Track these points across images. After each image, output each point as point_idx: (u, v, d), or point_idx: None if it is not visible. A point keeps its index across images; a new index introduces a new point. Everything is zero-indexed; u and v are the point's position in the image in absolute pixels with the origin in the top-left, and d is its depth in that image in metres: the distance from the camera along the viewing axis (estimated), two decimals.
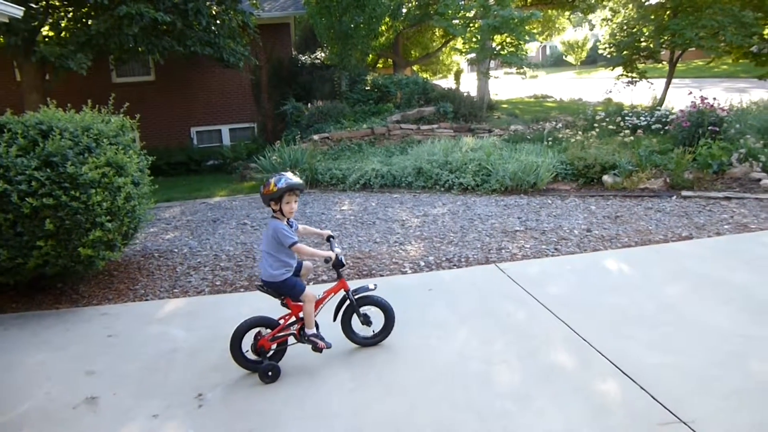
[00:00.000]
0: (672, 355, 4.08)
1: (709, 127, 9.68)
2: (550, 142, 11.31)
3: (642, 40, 16.31)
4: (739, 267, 5.64)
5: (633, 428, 3.34)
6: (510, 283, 5.59)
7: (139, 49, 11.83)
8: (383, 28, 18.76)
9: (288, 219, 4.11)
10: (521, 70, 15.88)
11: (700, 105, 10.05)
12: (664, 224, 7.19)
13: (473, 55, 16.15)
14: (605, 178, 9.15)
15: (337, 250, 4.15)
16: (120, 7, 10.64)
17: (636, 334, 4.42)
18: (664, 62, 17.34)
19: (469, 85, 22.77)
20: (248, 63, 13.91)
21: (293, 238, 3.97)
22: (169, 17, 11.18)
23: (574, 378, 3.89)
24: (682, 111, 10.53)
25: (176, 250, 7.40)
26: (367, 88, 15.12)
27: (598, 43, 19.50)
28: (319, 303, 4.23)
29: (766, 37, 14.99)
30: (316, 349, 4.14)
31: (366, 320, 4.35)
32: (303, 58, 17.20)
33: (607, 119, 12.31)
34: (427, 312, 5.06)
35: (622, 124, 12.01)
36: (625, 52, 16.59)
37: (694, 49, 15.46)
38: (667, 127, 11.32)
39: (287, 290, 4.10)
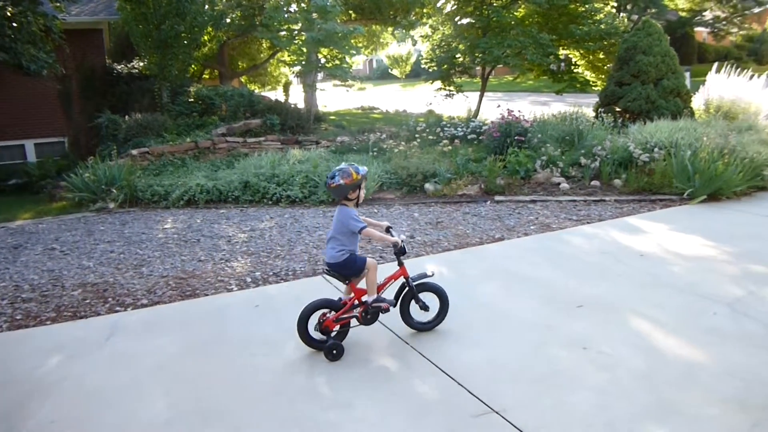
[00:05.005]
0: (486, 349, 4.37)
1: (516, 137, 10.55)
2: (375, 153, 11.64)
3: (458, 56, 17.44)
4: (543, 264, 6.19)
5: (450, 423, 3.50)
6: (337, 293, 5.62)
7: None
8: (206, 38, 18.13)
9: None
10: (347, 83, 16.21)
11: (508, 117, 10.93)
12: (480, 227, 7.70)
13: (299, 67, 16.19)
14: (427, 186, 9.60)
15: (401, 237, 4.42)
16: None
17: (454, 332, 4.67)
18: (478, 77, 18.69)
19: (298, 97, 22.78)
20: (54, 71, 12.65)
21: (363, 224, 4.26)
22: None
23: (396, 381, 4.00)
24: (493, 122, 11.38)
25: None
26: (190, 100, 14.48)
27: (420, 58, 20.49)
28: (380, 289, 4.50)
29: (561, 57, 16.76)
30: (382, 310, 4.41)
31: (424, 306, 4.56)
32: (119, 68, 16.09)
33: (428, 130, 12.92)
34: (253, 329, 4.93)
35: (441, 134, 12.68)
36: (443, 67, 17.61)
37: (502, 65, 16.86)
38: (481, 137, 12.14)
39: (351, 267, 4.34)
